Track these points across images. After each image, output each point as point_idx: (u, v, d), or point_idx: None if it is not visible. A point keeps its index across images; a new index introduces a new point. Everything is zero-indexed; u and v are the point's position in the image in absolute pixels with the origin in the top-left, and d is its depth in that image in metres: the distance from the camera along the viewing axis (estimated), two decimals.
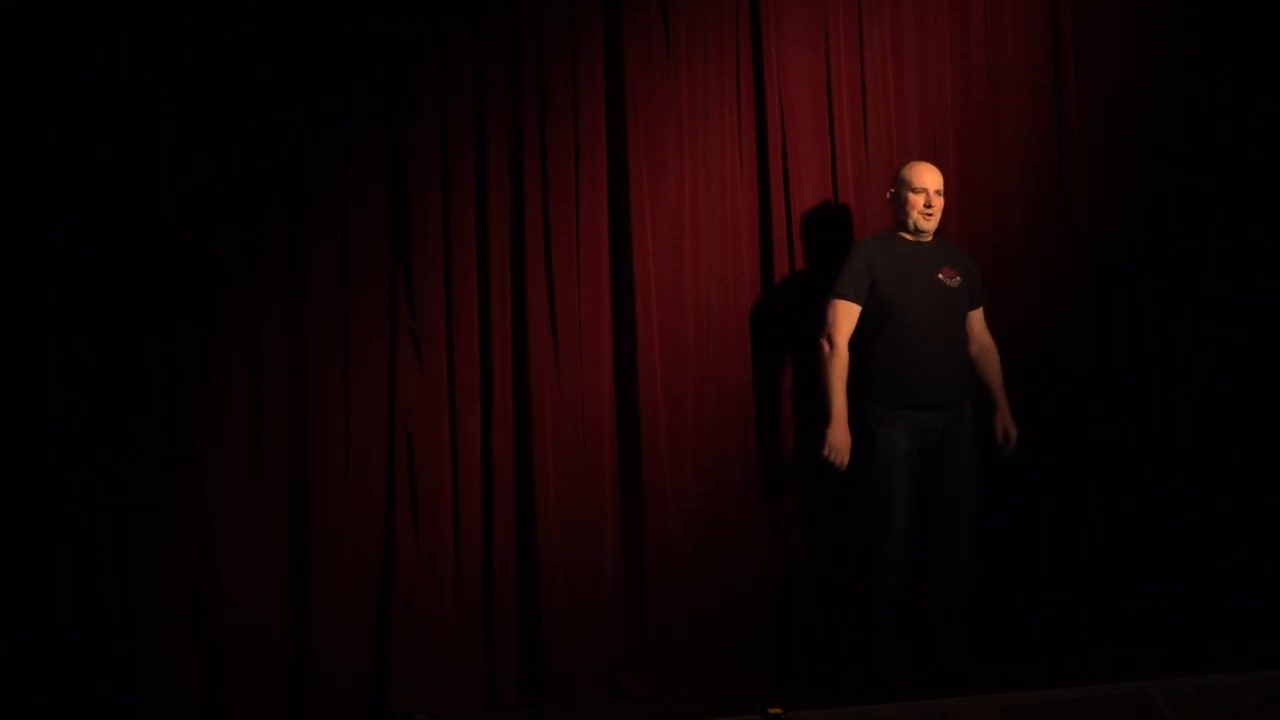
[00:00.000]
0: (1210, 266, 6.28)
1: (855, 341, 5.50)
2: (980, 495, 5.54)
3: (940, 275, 5.52)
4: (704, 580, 5.70)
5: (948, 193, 5.95)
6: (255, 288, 5.38)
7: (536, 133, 5.67)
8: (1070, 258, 6.15)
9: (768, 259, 5.90)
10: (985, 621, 5.62)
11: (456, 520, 5.50)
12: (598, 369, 5.68)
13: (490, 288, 5.59)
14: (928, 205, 5.51)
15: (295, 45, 5.46)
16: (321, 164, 5.47)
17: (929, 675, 5.39)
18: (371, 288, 5.49)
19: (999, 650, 5.67)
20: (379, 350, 5.48)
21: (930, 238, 5.58)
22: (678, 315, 5.77)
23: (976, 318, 5.65)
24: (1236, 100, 6.36)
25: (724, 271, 5.84)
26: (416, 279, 5.53)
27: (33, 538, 5.08)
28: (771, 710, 4.80)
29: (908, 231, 5.56)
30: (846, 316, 5.48)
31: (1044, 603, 5.93)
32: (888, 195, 5.66)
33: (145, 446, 5.22)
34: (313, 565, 5.34)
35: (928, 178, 5.54)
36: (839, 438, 5.42)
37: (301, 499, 5.37)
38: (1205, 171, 6.30)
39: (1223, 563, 6.08)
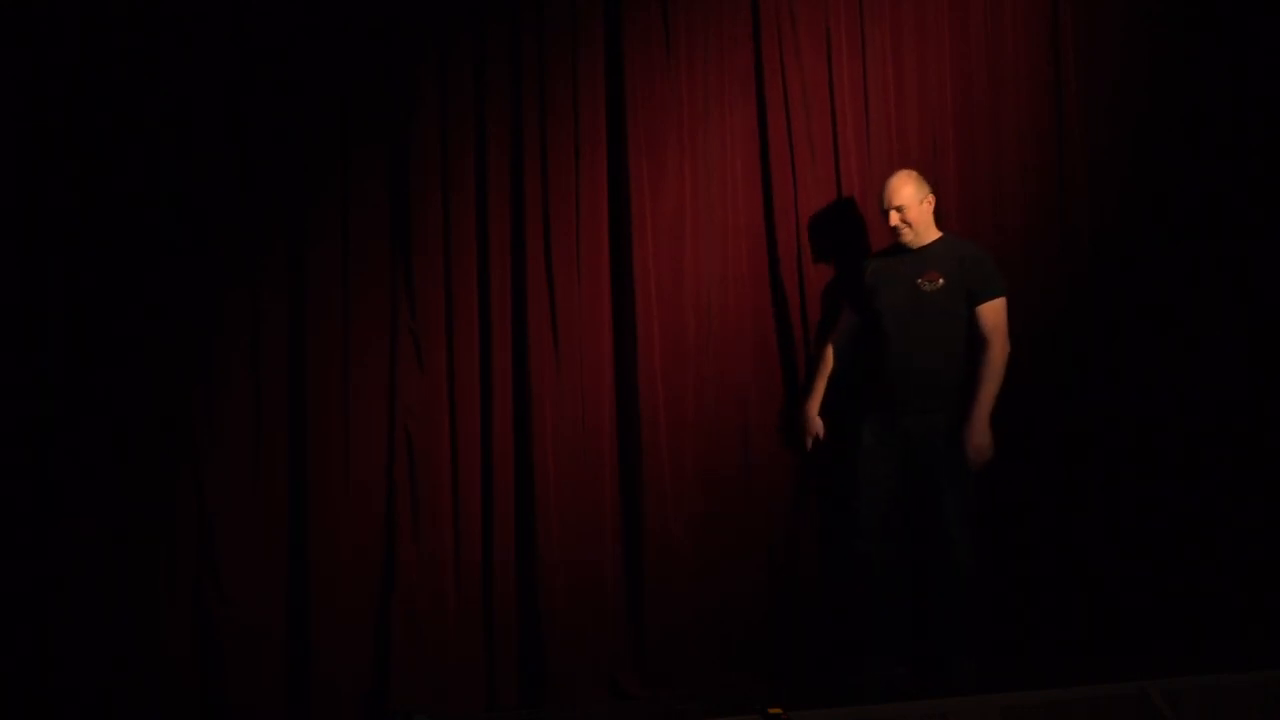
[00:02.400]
0: (1210, 266, 6.27)
1: (856, 348, 5.66)
2: (977, 495, 5.53)
3: (920, 280, 5.53)
4: (704, 580, 5.70)
5: (947, 193, 5.98)
6: (255, 288, 5.38)
7: (536, 133, 5.67)
8: (1070, 258, 6.15)
9: (768, 259, 5.90)
10: (985, 621, 5.62)
11: (456, 520, 5.50)
12: (598, 369, 5.68)
13: (490, 288, 5.60)
14: (892, 223, 5.58)
15: (295, 45, 5.47)
16: (321, 164, 5.47)
17: (929, 675, 5.40)
18: (371, 288, 5.49)
19: (999, 650, 5.67)
20: (379, 350, 5.49)
21: (921, 244, 5.59)
22: (678, 315, 5.77)
23: (980, 313, 5.54)
24: (1236, 100, 6.35)
25: (724, 271, 5.84)
26: (416, 279, 5.54)
27: (33, 538, 5.09)
28: (771, 710, 4.80)
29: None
30: (839, 320, 5.74)
31: (1044, 603, 5.93)
32: None
33: (145, 446, 5.22)
34: (313, 565, 5.35)
35: (887, 196, 5.60)
36: (800, 420, 5.67)
37: (301, 499, 5.37)
38: (1205, 171, 6.30)
39: (1223, 563, 6.08)
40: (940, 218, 5.94)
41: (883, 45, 6.05)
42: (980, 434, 5.43)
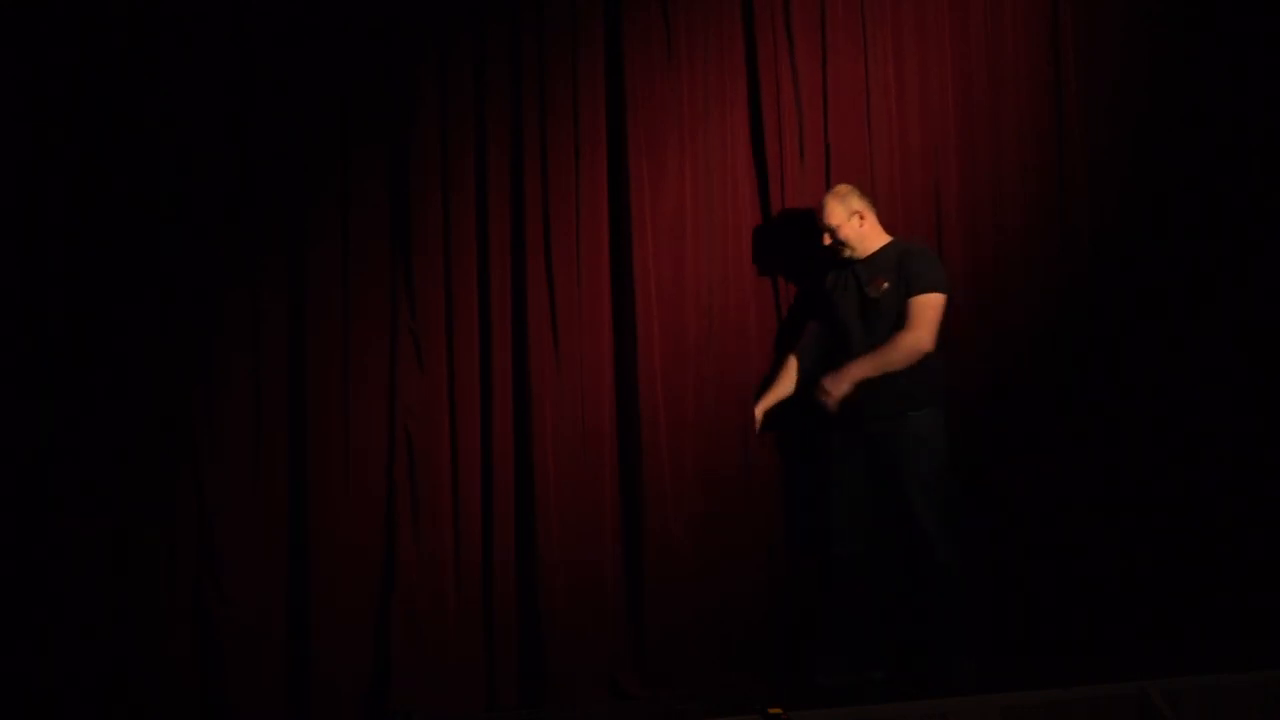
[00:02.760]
0: (1210, 266, 6.27)
1: (823, 354, 5.67)
2: (956, 495, 5.52)
3: (868, 287, 5.55)
4: (704, 580, 5.69)
5: (948, 193, 5.99)
6: (255, 288, 5.38)
7: (536, 133, 5.67)
8: (1070, 258, 6.15)
9: (768, 259, 5.90)
10: (985, 621, 5.62)
11: (456, 520, 5.50)
12: (598, 369, 5.68)
13: (490, 288, 5.60)
14: (825, 243, 5.63)
15: (295, 45, 5.47)
16: (321, 164, 5.47)
17: (929, 675, 5.41)
18: (371, 288, 5.49)
19: (999, 650, 5.68)
20: (379, 350, 5.48)
21: (868, 253, 5.61)
22: (678, 315, 5.77)
23: (908, 305, 5.48)
24: (1236, 100, 6.35)
25: (724, 271, 5.84)
26: (416, 279, 5.53)
27: (33, 538, 5.08)
28: (771, 710, 4.79)
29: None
30: (807, 329, 5.77)
31: (1044, 603, 5.92)
32: None
33: (145, 446, 5.22)
34: (313, 565, 5.34)
35: (820, 217, 5.63)
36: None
37: (301, 499, 5.37)
38: (1205, 171, 6.30)
39: (1223, 563, 6.08)
40: (940, 217, 5.96)
41: (883, 46, 6.05)
42: (837, 385, 5.44)
